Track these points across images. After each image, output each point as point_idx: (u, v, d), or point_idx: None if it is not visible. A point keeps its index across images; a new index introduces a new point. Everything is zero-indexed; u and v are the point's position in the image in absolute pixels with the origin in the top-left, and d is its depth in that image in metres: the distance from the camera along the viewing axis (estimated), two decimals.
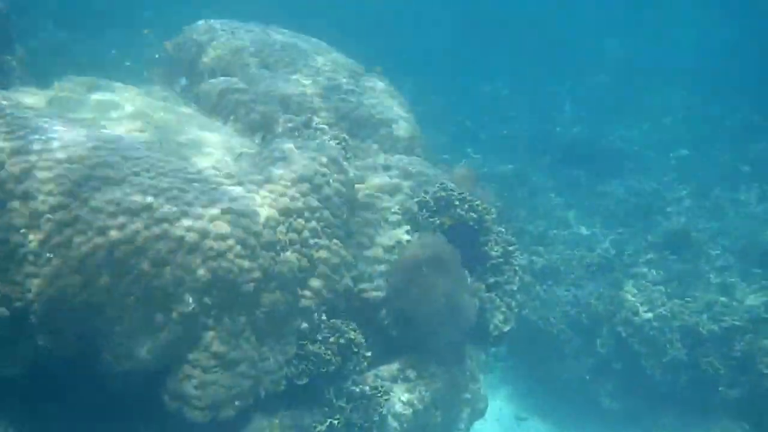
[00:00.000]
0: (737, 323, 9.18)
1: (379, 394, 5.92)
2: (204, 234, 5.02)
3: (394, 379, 6.39)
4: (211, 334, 5.14)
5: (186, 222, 5.00)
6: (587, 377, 9.75)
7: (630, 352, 9.37)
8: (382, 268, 6.17)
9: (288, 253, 5.45)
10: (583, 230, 12.43)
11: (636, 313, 9.41)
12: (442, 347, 6.37)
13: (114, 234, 4.77)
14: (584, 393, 9.80)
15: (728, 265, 11.12)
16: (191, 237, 4.96)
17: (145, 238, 4.83)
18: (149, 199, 4.98)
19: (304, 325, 5.73)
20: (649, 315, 9.45)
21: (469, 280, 6.70)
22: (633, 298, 9.60)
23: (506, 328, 7.24)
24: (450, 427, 6.95)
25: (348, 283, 5.99)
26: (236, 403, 5.31)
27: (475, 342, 7.14)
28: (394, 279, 6.06)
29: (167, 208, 4.99)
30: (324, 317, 5.81)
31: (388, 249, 6.30)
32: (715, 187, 14.17)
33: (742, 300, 9.93)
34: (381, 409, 5.88)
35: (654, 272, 10.56)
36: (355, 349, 5.80)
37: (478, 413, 7.56)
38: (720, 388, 9.17)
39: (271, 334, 5.52)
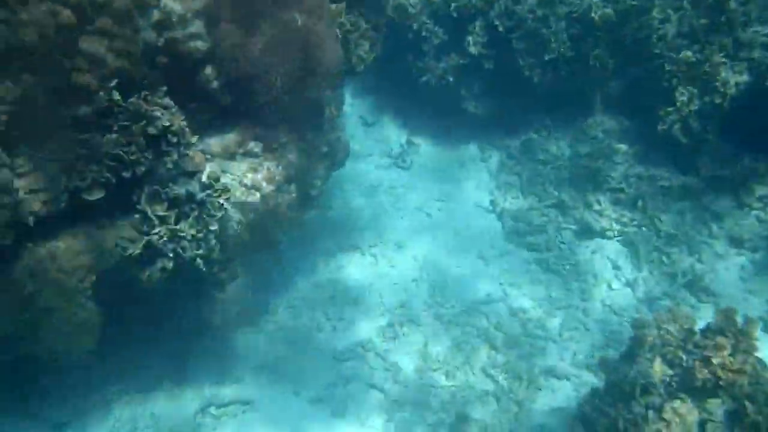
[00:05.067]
0: (634, 2, 8.22)
1: (216, 193, 4.50)
2: None
3: (231, 157, 4.94)
4: None
5: None
6: (450, 79, 8.68)
7: (506, 49, 8.31)
8: (198, 4, 4.28)
9: None
10: None
11: (517, 1, 8.14)
12: (296, 107, 4.88)
13: None
14: (446, 96, 8.87)
15: None
16: None
17: None
18: None
19: (84, 110, 3.99)
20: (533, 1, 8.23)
21: None
22: None
23: (371, 57, 5.85)
24: (305, 195, 5.81)
25: (148, 37, 4.14)
26: None
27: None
28: (222, 25, 4.26)
29: None
30: (117, 96, 4.04)
31: None
32: None
33: None
34: (220, 213, 4.52)
35: None
36: (174, 139, 4.21)
37: (338, 164, 6.46)
38: (605, 82, 8.65)
39: (28, 135, 3.79)
